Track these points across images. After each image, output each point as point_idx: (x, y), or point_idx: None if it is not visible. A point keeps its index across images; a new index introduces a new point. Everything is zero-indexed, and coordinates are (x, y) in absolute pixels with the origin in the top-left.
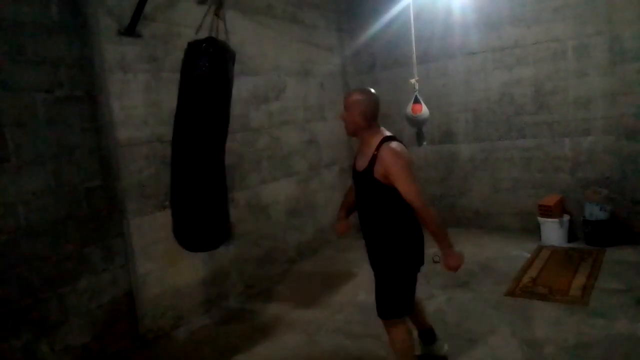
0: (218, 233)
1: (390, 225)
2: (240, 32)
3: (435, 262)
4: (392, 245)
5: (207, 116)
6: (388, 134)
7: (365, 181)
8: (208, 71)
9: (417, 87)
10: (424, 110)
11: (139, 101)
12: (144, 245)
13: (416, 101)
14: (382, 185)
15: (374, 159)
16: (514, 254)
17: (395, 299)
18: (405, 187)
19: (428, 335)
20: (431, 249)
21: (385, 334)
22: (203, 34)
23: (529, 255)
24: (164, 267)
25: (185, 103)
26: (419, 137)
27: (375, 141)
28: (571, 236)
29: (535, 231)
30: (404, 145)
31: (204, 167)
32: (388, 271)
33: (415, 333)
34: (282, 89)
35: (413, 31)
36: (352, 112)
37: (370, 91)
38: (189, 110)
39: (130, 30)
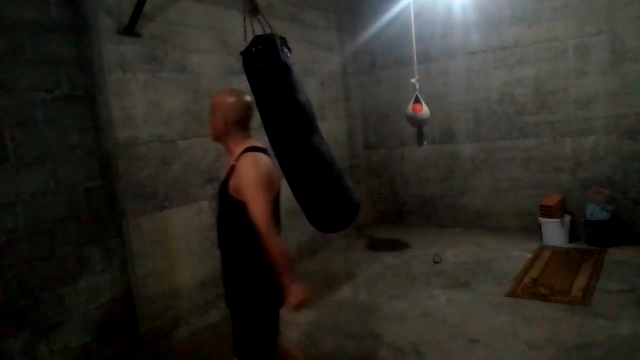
0: (344, 206)
1: (245, 252)
2: (240, 32)
3: (435, 262)
4: (246, 278)
5: (282, 106)
6: (256, 144)
7: (220, 196)
8: (263, 70)
9: (417, 87)
10: (425, 109)
11: (139, 101)
12: (143, 246)
13: (417, 101)
14: (235, 202)
15: (231, 170)
16: (514, 254)
17: (253, 344)
18: (251, 205)
19: None
20: (431, 249)
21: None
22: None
23: (530, 256)
24: (163, 268)
25: (261, 105)
26: (420, 137)
27: (238, 150)
28: (572, 236)
29: (536, 231)
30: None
31: (297, 153)
32: (242, 310)
33: None
34: None
35: (413, 31)
36: (214, 115)
37: (238, 93)
38: (267, 109)
39: (129, 29)
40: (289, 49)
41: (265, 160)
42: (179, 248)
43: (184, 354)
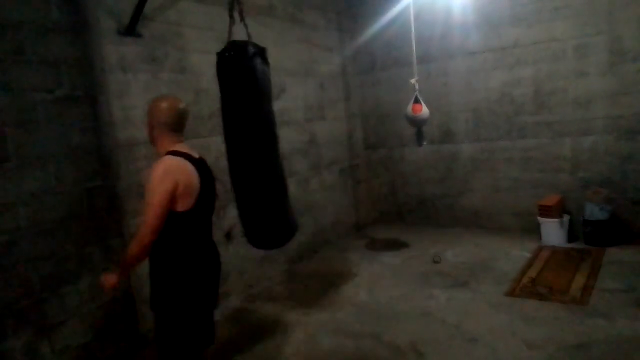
0: (283, 227)
1: (164, 255)
2: (241, 32)
3: (435, 262)
4: (165, 279)
5: (243, 115)
6: (181, 149)
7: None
8: (232, 75)
9: (417, 87)
10: (424, 110)
11: (139, 101)
12: None
13: (416, 101)
14: None
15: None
16: (514, 254)
17: (167, 347)
18: (147, 200)
19: None
20: (431, 249)
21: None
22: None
23: (529, 255)
24: None
25: (223, 109)
26: (419, 137)
27: (163, 154)
28: (571, 236)
29: (535, 231)
30: (196, 166)
31: (253, 166)
32: (162, 312)
33: None
34: (282, 89)
35: (413, 31)
36: (148, 119)
37: (171, 99)
38: (226, 114)
39: (130, 30)
40: (265, 59)
41: (177, 164)
42: None
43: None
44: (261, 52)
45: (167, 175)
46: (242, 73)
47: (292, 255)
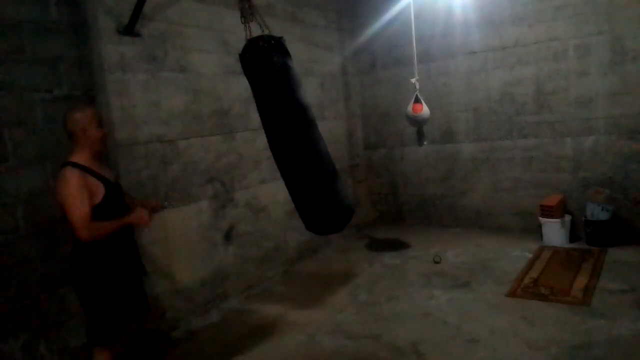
0: (336, 210)
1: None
2: (240, 32)
3: (435, 262)
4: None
5: (276, 106)
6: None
7: None
8: (258, 71)
9: (417, 87)
10: (425, 109)
11: (138, 101)
12: (142, 246)
13: (417, 100)
14: None
15: None
16: (515, 254)
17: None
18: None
19: None
20: (431, 249)
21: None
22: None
23: (530, 256)
24: (163, 268)
25: (257, 103)
26: (420, 137)
27: None
28: (572, 236)
29: (536, 231)
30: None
31: (293, 153)
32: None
33: None
34: None
35: (414, 30)
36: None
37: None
38: (261, 108)
39: (129, 29)
40: (282, 49)
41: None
42: (179, 248)
43: (184, 354)
44: (280, 41)
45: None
46: (261, 69)
47: (292, 256)
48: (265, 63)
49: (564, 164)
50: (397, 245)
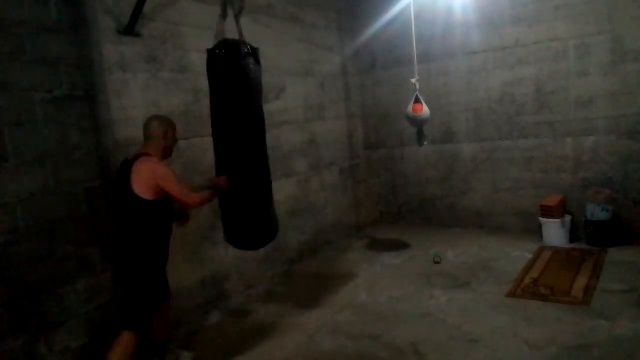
0: (264, 229)
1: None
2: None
3: (435, 262)
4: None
5: (231, 114)
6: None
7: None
8: (221, 72)
9: (417, 87)
10: (425, 109)
11: (138, 101)
12: None
13: (417, 101)
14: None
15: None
16: (515, 254)
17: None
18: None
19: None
20: (431, 249)
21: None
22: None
23: (530, 256)
24: None
25: (212, 106)
26: (420, 137)
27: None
28: (572, 236)
29: (536, 231)
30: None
31: (239, 164)
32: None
33: None
34: (282, 89)
35: (414, 30)
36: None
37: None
38: (215, 111)
39: (129, 29)
40: (256, 59)
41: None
42: (179, 248)
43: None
44: (253, 51)
45: None
46: (235, 72)
47: (292, 256)
48: (244, 68)
49: (564, 164)
50: (397, 245)
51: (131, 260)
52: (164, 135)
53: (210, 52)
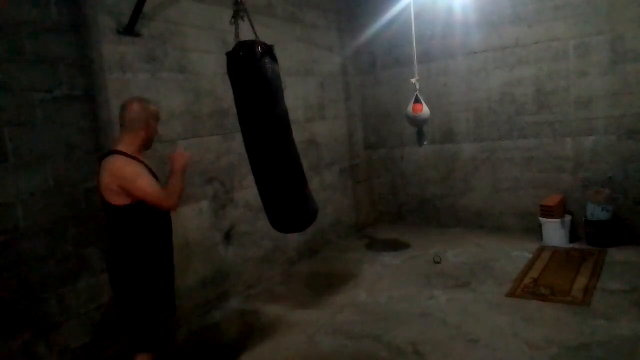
0: (302, 212)
1: (130, 240)
2: (239, 32)
3: (435, 262)
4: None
5: (256, 112)
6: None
7: None
8: (243, 75)
9: (417, 87)
10: (425, 109)
11: None
12: None
13: (417, 101)
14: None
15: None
16: (515, 254)
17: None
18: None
19: None
20: (431, 249)
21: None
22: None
23: (530, 256)
24: None
25: (237, 106)
26: (420, 137)
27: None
28: (573, 236)
29: (536, 231)
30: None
31: (269, 157)
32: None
33: None
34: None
35: (414, 30)
36: (145, 122)
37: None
38: (240, 111)
39: (129, 29)
40: (273, 57)
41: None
42: (179, 248)
43: (184, 355)
44: (269, 49)
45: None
46: (252, 73)
47: (292, 256)
48: (261, 68)
49: (564, 164)
50: (397, 245)
51: (121, 279)
52: (145, 124)
53: (230, 56)
